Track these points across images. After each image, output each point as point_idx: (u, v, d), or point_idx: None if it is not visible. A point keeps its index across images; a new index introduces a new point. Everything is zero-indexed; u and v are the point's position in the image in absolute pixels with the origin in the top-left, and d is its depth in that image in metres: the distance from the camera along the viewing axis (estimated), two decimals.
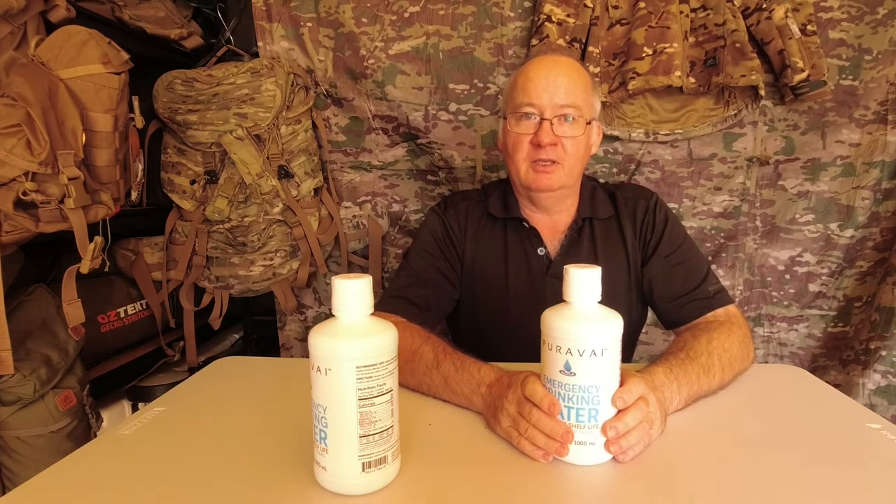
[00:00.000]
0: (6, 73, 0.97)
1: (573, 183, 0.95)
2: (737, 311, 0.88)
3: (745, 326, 0.85)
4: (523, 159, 0.91)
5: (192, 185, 1.39)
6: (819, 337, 1.44)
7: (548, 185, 0.90)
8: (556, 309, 0.58)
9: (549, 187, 0.90)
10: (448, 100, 1.41)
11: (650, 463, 0.58)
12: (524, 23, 1.38)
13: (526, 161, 0.91)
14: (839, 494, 0.52)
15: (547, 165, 0.89)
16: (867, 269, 1.38)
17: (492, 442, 0.62)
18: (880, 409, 1.34)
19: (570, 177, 0.92)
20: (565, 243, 0.97)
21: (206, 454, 0.60)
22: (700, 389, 0.70)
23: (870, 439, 0.62)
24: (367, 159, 1.50)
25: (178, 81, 1.34)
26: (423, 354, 0.74)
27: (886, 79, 1.31)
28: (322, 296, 1.58)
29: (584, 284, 0.55)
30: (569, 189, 0.95)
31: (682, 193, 1.42)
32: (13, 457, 1.01)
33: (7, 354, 0.93)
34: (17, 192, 0.91)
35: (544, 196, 0.94)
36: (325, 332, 0.50)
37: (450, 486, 0.53)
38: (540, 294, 0.95)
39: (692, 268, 0.93)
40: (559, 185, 0.91)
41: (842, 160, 1.36)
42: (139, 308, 1.40)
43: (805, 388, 0.79)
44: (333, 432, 0.50)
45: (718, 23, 1.28)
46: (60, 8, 1.04)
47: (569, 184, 0.93)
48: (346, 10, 1.39)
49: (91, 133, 1.01)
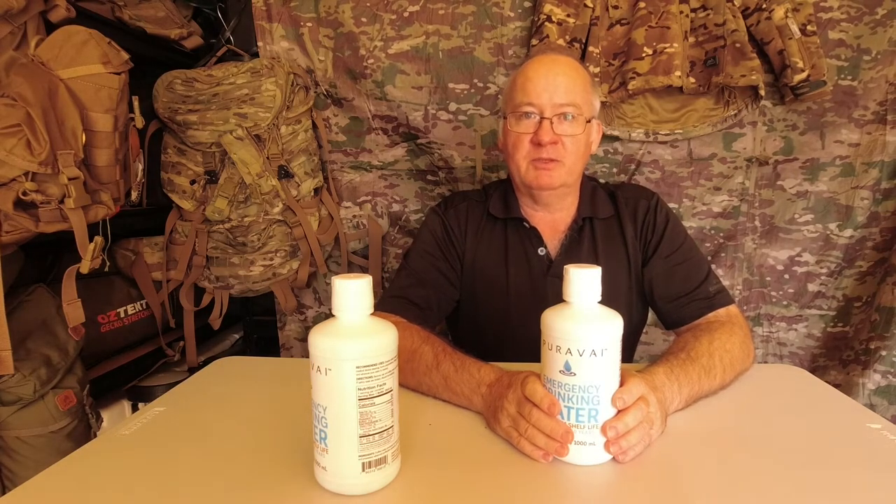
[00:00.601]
0: (6, 73, 0.97)
1: (574, 181, 0.95)
2: (737, 311, 0.88)
3: (746, 326, 0.85)
4: (524, 158, 0.91)
5: (192, 185, 1.39)
6: (819, 337, 1.44)
7: (548, 183, 0.90)
8: (556, 309, 0.58)
9: (550, 185, 0.91)
10: (448, 99, 1.41)
11: (650, 463, 0.58)
12: (524, 23, 1.38)
13: (526, 160, 0.91)
14: (839, 494, 0.52)
15: (547, 163, 0.89)
16: (867, 269, 1.38)
17: (492, 442, 0.62)
18: (880, 409, 1.34)
19: (571, 175, 0.92)
20: (566, 243, 0.97)
21: (206, 454, 0.60)
22: (701, 390, 0.70)
23: (870, 439, 0.63)
24: (367, 159, 1.50)
25: (178, 81, 1.34)
26: (422, 354, 0.74)
27: (886, 79, 1.31)
28: (322, 296, 1.58)
29: (584, 284, 0.55)
30: (569, 187, 0.95)
31: (681, 193, 1.42)
32: (13, 457, 1.01)
33: (7, 354, 0.93)
34: (17, 192, 0.91)
35: (545, 194, 0.94)
36: (325, 332, 0.50)
37: (450, 486, 0.53)
38: (541, 294, 0.95)
39: (693, 268, 0.93)
40: (560, 182, 0.91)
41: (841, 160, 1.36)
42: (139, 308, 1.40)
43: (805, 388, 0.79)
44: (333, 432, 0.50)
45: (718, 23, 1.28)
46: (60, 8, 1.04)
47: (569, 182, 0.93)
48: (346, 10, 1.39)
49: (91, 133, 1.01)
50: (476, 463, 0.58)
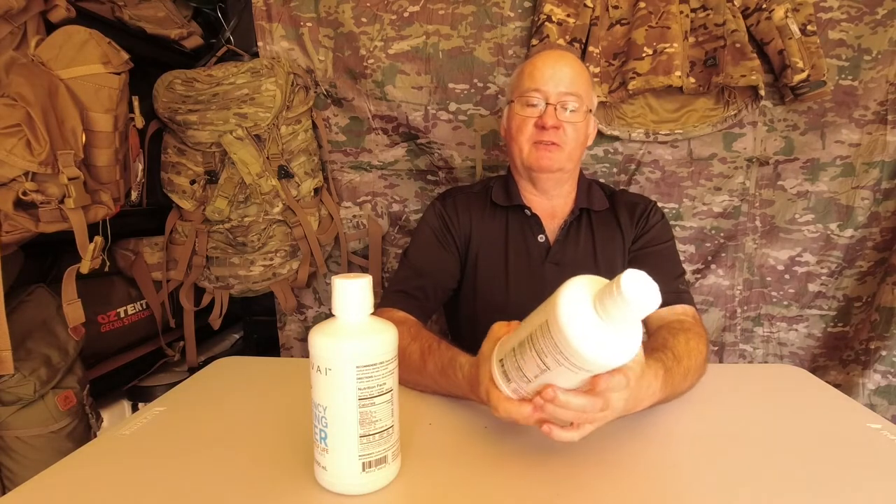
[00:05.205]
0: (6, 73, 0.96)
1: (572, 167, 1.00)
2: (700, 317, 0.90)
3: (706, 332, 0.85)
4: (527, 140, 0.97)
5: (192, 185, 1.39)
6: (819, 337, 1.44)
7: (548, 164, 0.95)
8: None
9: (550, 167, 0.96)
10: (448, 99, 1.41)
11: (650, 463, 0.58)
12: (524, 23, 1.38)
13: (529, 142, 0.97)
14: (839, 494, 0.52)
15: (549, 146, 0.95)
16: (867, 269, 1.38)
17: (492, 442, 0.62)
18: (880, 409, 1.34)
19: (570, 160, 0.97)
20: (564, 230, 1.00)
21: (206, 454, 0.60)
22: (674, 392, 0.69)
23: (870, 439, 0.63)
24: (367, 159, 1.50)
25: (178, 81, 1.34)
26: (411, 353, 0.75)
27: (886, 79, 1.31)
28: (322, 296, 1.58)
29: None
30: (567, 173, 1.00)
31: (682, 193, 1.42)
32: (13, 457, 1.01)
33: (7, 354, 0.93)
34: (17, 192, 0.91)
35: (544, 177, 0.99)
36: (325, 332, 0.50)
37: (450, 486, 0.53)
38: (538, 280, 0.99)
39: (670, 264, 0.98)
40: (559, 166, 0.96)
41: (841, 160, 1.36)
42: (139, 308, 1.40)
43: (805, 388, 0.79)
44: (333, 432, 0.50)
45: (718, 23, 1.28)
46: (60, 8, 1.04)
47: (568, 167, 0.98)
48: (346, 10, 1.39)
49: (91, 133, 1.01)
50: (476, 463, 0.58)
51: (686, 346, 0.74)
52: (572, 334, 0.45)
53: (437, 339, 0.76)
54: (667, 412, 0.69)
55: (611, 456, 0.59)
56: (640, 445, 0.62)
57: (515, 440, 0.62)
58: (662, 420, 0.68)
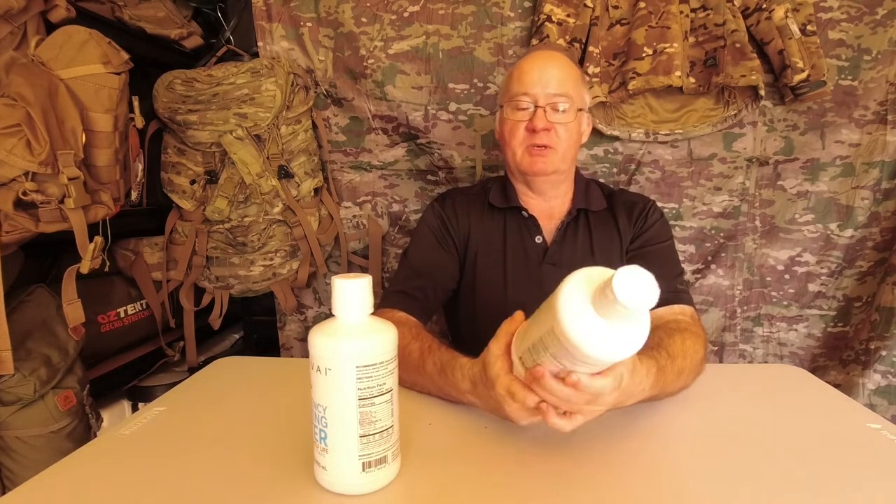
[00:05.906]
0: (6, 73, 0.96)
1: (567, 168, 1.00)
2: (698, 316, 0.90)
3: (705, 332, 0.85)
4: (519, 144, 0.97)
5: (192, 185, 1.39)
6: (819, 337, 1.44)
7: (542, 168, 0.96)
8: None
9: (544, 171, 0.96)
10: (448, 99, 1.41)
11: (650, 463, 0.58)
12: (524, 23, 1.38)
13: (521, 146, 0.97)
14: (839, 494, 0.52)
15: (542, 150, 0.95)
16: (867, 269, 1.38)
17: (492, 441, 0.62)
18: (880, 409, 1.34)
19: (564, 161, 0.97)
20: (561, 230, 1.00)
21: (206, 454, 0.60)
22: (665, 391, 0.69)
23: (870, 439, 0.63)
24: (367, 159, 1.50)
25: (178, 81, 1.34)
26: (410, 353, 0.75)
27: (886, 79, 1.31)
28: (322, 296, 1.58)
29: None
30: (563, 174, 1.00)
31: (682, 193, 1.42)
32: (13, 457, 1.01)
33: (7, 354, 0.93)
34: (17, 192, 0.91)
35: (539, 180, 0.99)
36: (325, 332, 0.50)
37: (450, 486, 0.53)
38: (536, 281, 0.98)
39: (669, 263, 0.97)
40: (553, 168, 0.96)
41: (841, 160, 1.36)
42: (139, 308, 1.40)
43: (805, 388, 0.79)
44: (333, 432, 0.50)
45: (718, 23, 1.28)
46: (60, 8, 1.04)
47: (562, 168, 0.98)
48: (346, 10, 1.39)
49: (91, 133, 1.01)
50: (476, 463, 0.58)
51: (682, 346, 0.73)
52: (580, 341, 0.46)
53: (437, 341, 0.76)
54: (667, 412, 0.69)
55: (611, 456, 0.59)
56: (640, 445, 0.62)
57: (515, 440, 0.62)
58: (662, 420, 0.68)
